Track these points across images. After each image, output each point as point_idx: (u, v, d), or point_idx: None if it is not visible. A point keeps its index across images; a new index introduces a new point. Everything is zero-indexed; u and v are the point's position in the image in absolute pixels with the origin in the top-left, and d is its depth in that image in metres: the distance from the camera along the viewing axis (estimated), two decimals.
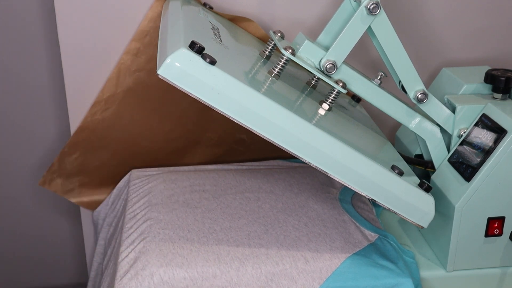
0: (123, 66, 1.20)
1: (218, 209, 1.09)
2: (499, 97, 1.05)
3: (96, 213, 1.32)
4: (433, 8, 1.28)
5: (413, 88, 1.01)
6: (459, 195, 0.98)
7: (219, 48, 0.93)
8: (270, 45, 1.03)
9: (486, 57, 1.33)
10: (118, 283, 0.93)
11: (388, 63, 1.01)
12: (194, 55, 0.81)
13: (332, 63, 0.95)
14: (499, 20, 1.31)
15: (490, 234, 1.00)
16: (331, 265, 0.96)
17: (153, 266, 0.94)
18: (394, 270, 0.96)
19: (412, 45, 1.26)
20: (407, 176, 0.96)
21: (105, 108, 1.23)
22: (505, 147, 0.95)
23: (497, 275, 1.04)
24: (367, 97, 1.01)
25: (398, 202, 0.93)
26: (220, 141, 1.31)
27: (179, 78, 0.81)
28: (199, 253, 0.97)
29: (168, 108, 1.25)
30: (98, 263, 1.27)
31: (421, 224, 0.95)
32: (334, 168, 0.89)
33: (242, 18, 1.20)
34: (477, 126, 1.02)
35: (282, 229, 1.04)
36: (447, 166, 1.04)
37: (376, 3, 0.92)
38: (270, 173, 1.23)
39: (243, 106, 0.84)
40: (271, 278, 0.94)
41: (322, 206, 1.11)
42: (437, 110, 1.04)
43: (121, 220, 1.14)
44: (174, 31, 0.91)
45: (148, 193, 1.15)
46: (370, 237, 1.04)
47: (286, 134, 0.86)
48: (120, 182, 1.27)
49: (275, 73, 0.95)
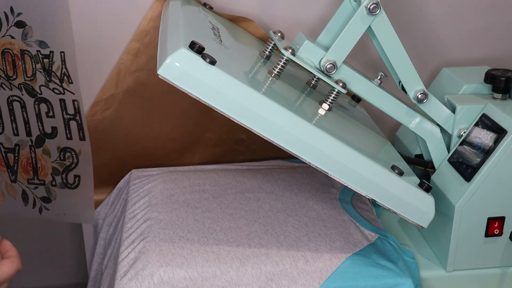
0: (123, 66, 1.20)
1: (218, 209, 1.09)
2: (499, 97, 1.05)
3: (96, 213, 1.31)
4: (433, 8, 1.28)
5: (413, 88, 1.01)
6: (459, 195, 0.98)
7: (219, 48, 0.93)
8: (270, 45, 1.03)
9: (486, 57, 1.33)
10: (118, 283, 0.93)
11: (388, 63, 1.01)
12: (194, 55, 0.81)
13: (332, 63, 0.95)
14: (499, 20, 1.31)
15: (490, 234, 1.00)
16: (331, 265, 0.96)
17: (153, 266, 0.94)
18: (394, 270, 0.96)
19: (412, 45, 1.26)
20: (407, 176, 0.96)
21: (105, 108, 1.23)
22: (505, 147, 0.95)
23: (497, 275, 1.04)
24: (367, 97, 1.01)
25: (398, 202, 0.93)
26: (220, 141, 1.31)
27: (179, 78, 0.81)
28: (199, 253, 0.97)
29: (168, 108, 1.25)
30: (98, 263, 1.27)
31: (421, 224, 0.95)
32: (334, 168, 0.89)
33: (242, 18, 1.20)
34: (477, 126, 1.02)
35: (282, 229, 1.04)
36: (447, 166, 1.04)
37: (376, 3, 0.92)
38: (270, 173, 1.23)
39: (243, 106, 0.84)
40: (271, 278, 0.94)
41: (322, 206, 1.11)
42: (437, 110, 1.04)
43: (121, 220, 1.14)
44: (174, 31, 0.91)
45: (148, 193, 1.15)
46: (370, 237, 1.04)
47: (286, 134, 0.86)
48: (120, 182, 1.27)
49: (275, 73, 0.95)
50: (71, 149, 1.12)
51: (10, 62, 1.08)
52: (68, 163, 1.13)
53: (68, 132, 1.11)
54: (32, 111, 1.11)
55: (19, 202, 1.19)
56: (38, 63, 1.06)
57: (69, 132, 1.11)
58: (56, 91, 1.08)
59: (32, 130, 1.12)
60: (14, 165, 1.14)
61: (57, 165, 1.14)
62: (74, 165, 1.14)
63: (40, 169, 1.15)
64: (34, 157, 1.13)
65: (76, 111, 1.10)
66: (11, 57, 1.07)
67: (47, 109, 1.10)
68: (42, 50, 1.06)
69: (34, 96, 1.09)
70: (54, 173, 1.14)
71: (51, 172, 1.15)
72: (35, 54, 1.06)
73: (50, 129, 1.12)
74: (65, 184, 1.16)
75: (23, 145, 1.14)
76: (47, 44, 1.06)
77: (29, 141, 1.13)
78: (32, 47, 1.06)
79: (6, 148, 1.14)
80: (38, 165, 1.15)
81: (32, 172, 1.14)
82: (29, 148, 1.13)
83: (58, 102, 1.10)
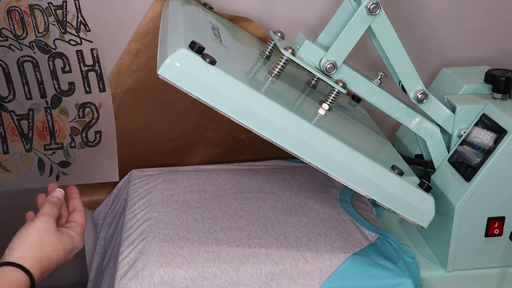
0: (123, 66, 1.21)
1: (218, 209, 1.09)
2: (499, 97, 1.05)
3: (96, 213, 1.32)
4: (433, 8, 1.28)
5: (413, 88, 1.01)
6: (459, 195, 0.98)
7: (219, 48, 0.93)
8: (270, 45, 1.03)
9: (486, 57, 1.33)
10: (118, 283, 0.93)
11: (388, 63, 1.01)
12: (194, 55, 0.81)
13: (332, 63, 0.95)
14: (499, 20, 1.31)
15: (490, 234, 1.00)
16: (331, 265, 0.96)
17: (153, 266, 0.94)
18: (394, 270, 0.96)
19: (412, 45, 1.26)
20: (407, 176, 0.96)
21: None
22: (505, 147, 0.95)
23: (497, 275, 1.04)
24: (367, 97, 1.01)
25: (398, 202, 0.93)
26: (220, 141, 1.31)
27: (179, 78, 0.81)
28: (199, 253, 0.97)
29: (168, 108, 1.25)
30: (98, 263, 1.27)
31: (421, 224, 0.95)
32: (334, 168, 0.89)
33: (242, 18, 1.20)
34: (477, 126, 1.02)
35: (282, 229, 1.04)
36: (447, 166, 1.04)
37: (376, 3, 0.92)
38: (270, 173, 1.23)
39: (243, 106, 0.84)
40: (271, 278, 0.94)
41: (322, 206, 1.11)
42: (437, 110, 1.04)
43: (121, 220, 1.14)
44: (174, 31, 0.91)
45: (148, 193, 1.15)
46: (370, 237, 1.04)
47: (286, 134, 0.86)
48: (120, 182, 1.27)
49: (275, 73, 0.95)
50: (90, 104, 1.08)
51: (18, 20, 1.04)
52: (88, 120, 1.09)
53: (87, 86, 1.07)
54: (46, 69, 1.06)
55: (34, 172, 1.14)
56: (51, 16, 1.03)
57: (88, 86, 1.07)
58: (73, 42, 1.04)
59: (47, 90, 1.07)
60: (29, 132, 1.10)
61: (76, 124, 1.09)
62: (94, 120, 1.10)
63: (57, 132, 1.11)
64: (50, 120, 1.09)
65: (95, 60, 1.06)
66: (18, 15, 1.04)
67: (62, 64, 1.06)
68: (54, 1, 1.02)
69: (47, 53, 1.05)
70: (73, 133, 1.09)
71: (70, 133, 1.11)
72: (46, 7, 1.02)
73: (67, 85, 1.07)
74: (86, 143, 1.11)
75: (37, 109, 1.09)
76: None
77: (44, 103, 1.08)
78: (42, 0, 1.04)
79: (19, 115, 1.10)
80: (55, 128, 1.11)
81: (49, 137, 1.10)
82: (44, 111, 1.09)
83: (75, 54, 1.06)
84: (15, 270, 0.83)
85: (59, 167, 1.13)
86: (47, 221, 0.91)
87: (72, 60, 1.07)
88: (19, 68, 1.06)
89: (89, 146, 1.12)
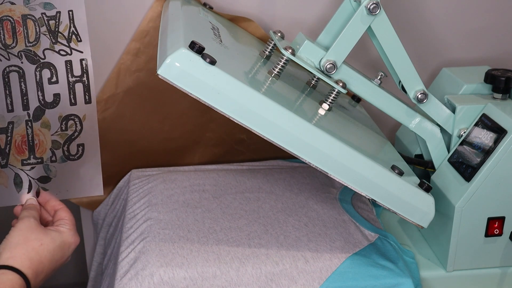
0: (123, 66, 1.21)
1: (218, 209, 1.09)
2: (499, 97, 1.05)
3: (96, 213, 1.32)
4: (433, 8, 1.28)
5: (413, 88, 1.01)
6: (459, 195, 0.98)
7: (219, 48, 0.93)
8: (270, 45, 1.03)
9: (486, 57, 1.33)
10: (118, 283, 0.93)
11: (388, 63, 1.01)
12: (194, 55, 0.81)
13: (332, 63, 0.95)
14: (499, 20, 1.31)
15: (490, 234, 1.00)
16: (331, 265, 0.96)
17: (153, 266, 0.94)
18: (394, 270, 0.96)
19: (412, 45, 1.26)
20: (407, 176, 0.96)
21: (105, 108, 1.23)
22: (505, 147, 0.95)
23: (497, 275, 1.04)
24: (367, 97, 1.01)
25: (398, 202, 0.93)
26: (220, 141, 1.31)
27: (179, 78, 0.81)
28: (199, 253, 0.97)
29: (168, 108, 1.25)
30: (98, 263, 1.27)
31: (421, 224, 0.95)
32: (334, 168, 0.89)
33: (242, 18, 1.20)
34: (477, 126, 1.02)
35: (282, 229, 1.04)
36: (447, 166, 1.04)
37: (376, 3, 0.92)
38: (270, 173, 1.23)
39: (243, 106, 0.84)
40: (271, 278, 0.94)
41: (322, 206, 1.11)
42: (437, 110, 1.04)
43: (121, 220, 1.14)
44: (174, 31, 0.91)
45: (148, 193, 1.15)
46: (370, 237, 1.04)
47: (286, 134, 0.86)
48: (120, 182, 1.27)
49: (275, 73, 0.95)
50: (74, 116, 1.07)
51: (9, 29, 1.04)
52: (70, 133, 1.09)
53: (72, 97, 1.06)
54: (32, 79, 1.05)
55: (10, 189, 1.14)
56: (43, 26, 1.03)
57: (73, 97, 1.06)
58: (62, 52, 1.04)
59: (30, 102, 1.07)
60: (6, 147, 1.09)
61: (57, 137, 1.08)
62: (77, 133, 1.09)
63: (37, 146, 1.10)
64: (31, 133, 1.08)
65: (83, 71, 1.05)
66: (10, 24, 1.04)
67: (50, 75, 1.05)
68: (48, 12, 1.02)
69: (36, 62, 1.05)
70: (54, 147, 1.09)
71: (50, 147, 1.11)
72: (39, 17, 1.02)
73: (52, 97, 1.07)
74: (67, 156, 1.10)
75: (18, 122, 1.09)
76: (53, 5, 1.03)
77: (26, 116, 1.08)
78: (36, 10, 1.03)
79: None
80: (35, 142, 1.10)
81: (28, 151, 1.10)
82: (25, 124, 1.09)
83: (64, 65, 1.05)
84: (6, 272, 0.82)
85: (38, 183, 1.12)
86: (28, 221, 0.90)
87: (60, 70, 1.06)
88: (4, 79, 1.05)
89: (71, 160, 1.11)
